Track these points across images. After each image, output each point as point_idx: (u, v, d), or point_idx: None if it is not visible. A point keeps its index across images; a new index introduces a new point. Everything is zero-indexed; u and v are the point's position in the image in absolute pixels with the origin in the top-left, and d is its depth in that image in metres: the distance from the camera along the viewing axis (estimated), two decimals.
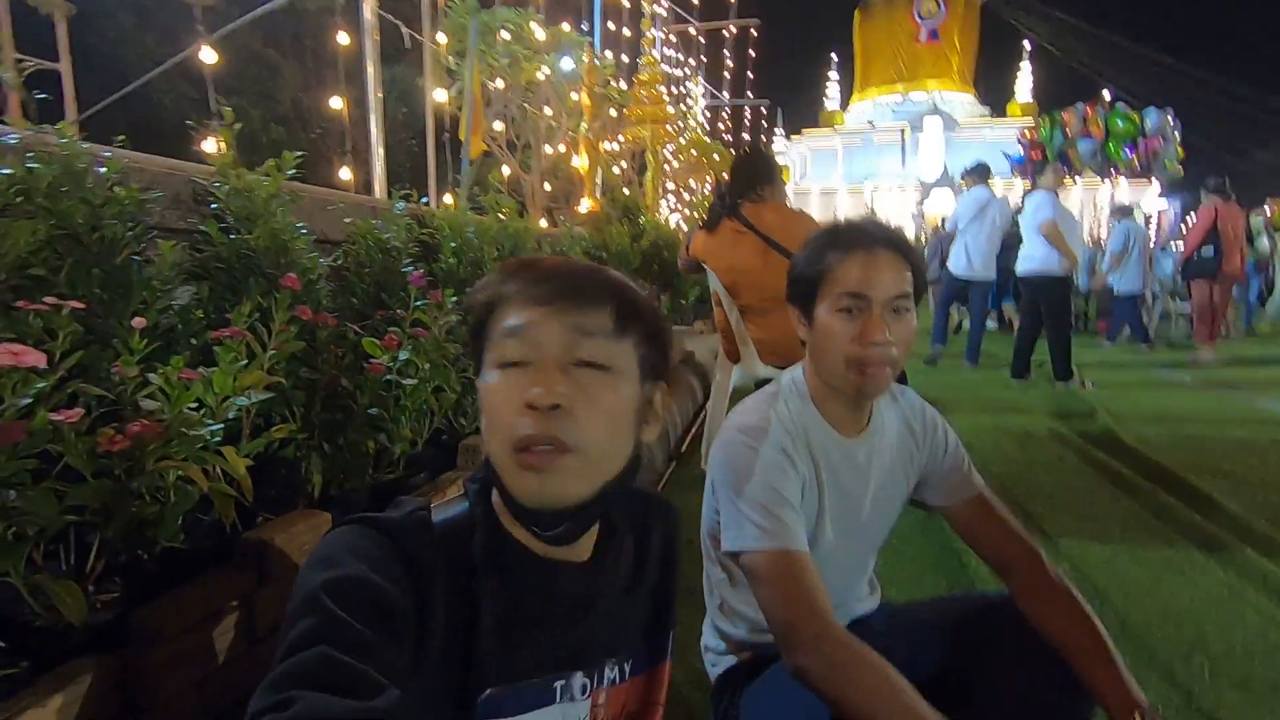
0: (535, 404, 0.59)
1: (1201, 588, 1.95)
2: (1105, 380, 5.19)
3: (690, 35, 14.34)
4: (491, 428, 0.62)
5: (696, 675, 1.44)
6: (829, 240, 1.02)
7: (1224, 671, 1.56)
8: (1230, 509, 2.48)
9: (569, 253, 3.64)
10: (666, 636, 0.78)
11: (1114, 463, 3.10)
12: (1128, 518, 2.50)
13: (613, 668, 0.71)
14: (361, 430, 1.55)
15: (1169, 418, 4.04)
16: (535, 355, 0.61)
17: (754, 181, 2.68)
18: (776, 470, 0.98)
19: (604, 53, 8.58)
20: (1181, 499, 2.62)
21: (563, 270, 0.64)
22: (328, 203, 2.08)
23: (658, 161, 8.80)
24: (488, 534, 0.64)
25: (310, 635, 0.50)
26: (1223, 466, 3.06)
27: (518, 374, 0.61)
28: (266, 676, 0.48)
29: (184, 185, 1.56)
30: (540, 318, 0.61)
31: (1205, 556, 2.15)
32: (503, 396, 0.61)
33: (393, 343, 1.61)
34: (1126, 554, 2.16)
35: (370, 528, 0.60)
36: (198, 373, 1.09)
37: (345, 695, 0.46)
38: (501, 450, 0.61)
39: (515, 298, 0.63)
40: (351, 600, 0.52)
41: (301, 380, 1.46)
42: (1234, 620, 1.78)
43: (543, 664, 0.66)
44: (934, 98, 34.41)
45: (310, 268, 1.63)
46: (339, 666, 0.48)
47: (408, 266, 2.02)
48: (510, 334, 0.62)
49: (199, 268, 1.51)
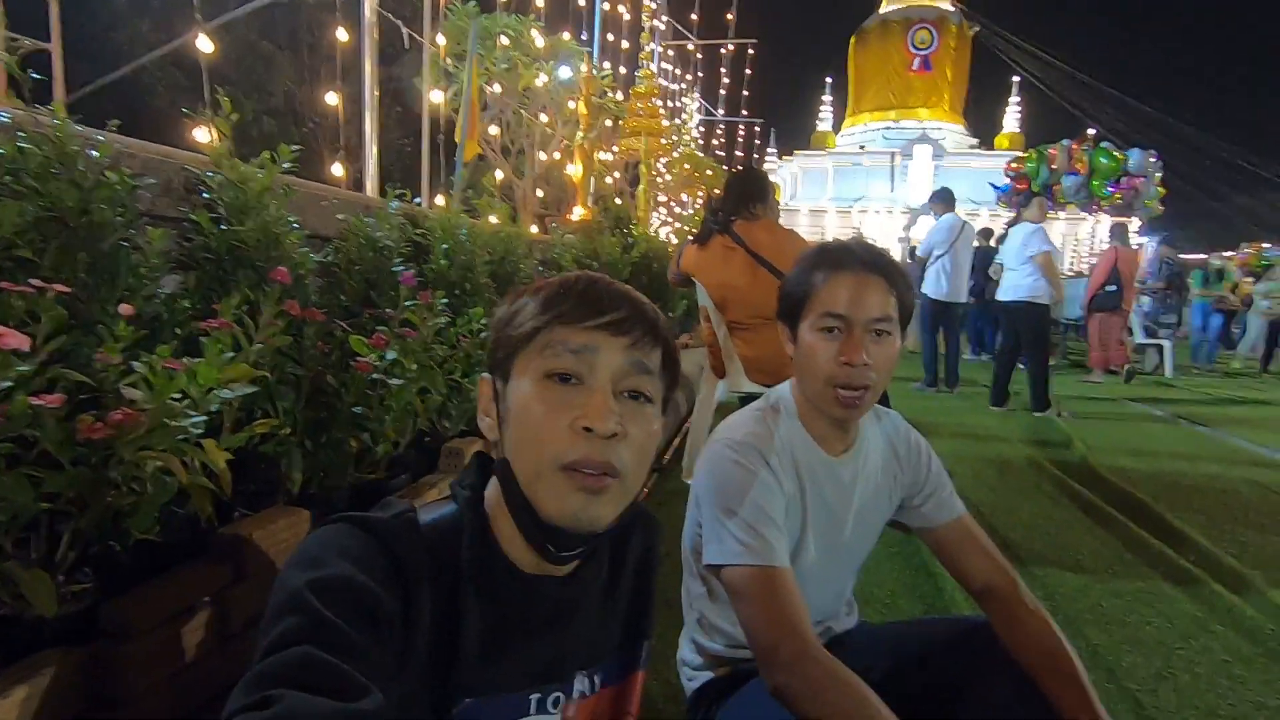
0: (598, 430, 0.60)
1: (1171, 619, 1.98)
2: (1080, 411, 5.28)
3: (688, 51, 14.48)
4: (532, 439, 0.61)
5: (672, 689, 1.43)
6: (817, 260, 1.05)
7: (1190, 702, 1.58)
8: (1200, 543, 2.52)
9: (559, 259, 3.64)
10: (641, 646, 0.78)
11: (1089, 494, 3.14)
12: (1101, 548, 2.53)
13: (584, 679, 0.71)
14: (345, 429, 1.54)
15: (1143, 451, 4.11)
16: (592, 378, 0.62)
17: (747, 199, 2.71)
18: (762, 487, 0.98)
19: (602, 63, 8.64)
20: (1153, 532, 2.66)
21: (633, 302, 0.65)
22: (320, 198, 2.07)
23: (651, 174, 8.85)
24: (476, 544, 0.64)
25: (293, 634, 0.49)
26: (1193, 501, 3.12)
27: (568, 391, 0.62)
28: (245, 674, 0.46)
29: (176, 173, 1.54)
30: (608, 344, 0.62)
31: (1175, 589, 2.19)
32: (551, 412, 0.61)
33: (380, 342, 1.60)
34: (1099, 584, 2.19)
35: (357, 527, 0.59)
36: (182, 363, 1.08)
37: (328, 696, 0.45)
38: (543, 466, 0.60)
39: (583, 316, 0.63)
40: (337, 600, 0.52)
41: (286, 375, 1.44)
42: (1201, 652, 1.81)
43: (520, 675, 0.65)
44: (924, 126, 35.00)
45: (301, 263, 1.61)
46: (322, 666, 0.47)
47: (399, 266, 2.01)
48: (572, 350, 0.62)
49: (187, 257, 1.48)
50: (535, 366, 0.63)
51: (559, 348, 0.62)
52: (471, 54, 4.24)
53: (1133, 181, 13.54)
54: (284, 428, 1.37)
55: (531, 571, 0.65)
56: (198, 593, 1.07)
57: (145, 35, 10.37)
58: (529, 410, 0.62)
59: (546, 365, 0.62)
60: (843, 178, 34.22)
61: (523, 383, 0.63)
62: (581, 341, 0.62)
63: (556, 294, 0.64)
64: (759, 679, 0.99)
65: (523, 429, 0.62)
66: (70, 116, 1.23)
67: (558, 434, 0.60)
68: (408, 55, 6.34)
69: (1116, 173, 13.57)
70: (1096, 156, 13.77)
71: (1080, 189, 14.00)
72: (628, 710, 0.78)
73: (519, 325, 0.64)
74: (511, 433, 0.63)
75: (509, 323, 0.66)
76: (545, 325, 0.63)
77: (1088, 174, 13.77)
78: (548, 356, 0.62)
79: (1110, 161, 13.64)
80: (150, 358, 1.03)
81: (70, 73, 4.55)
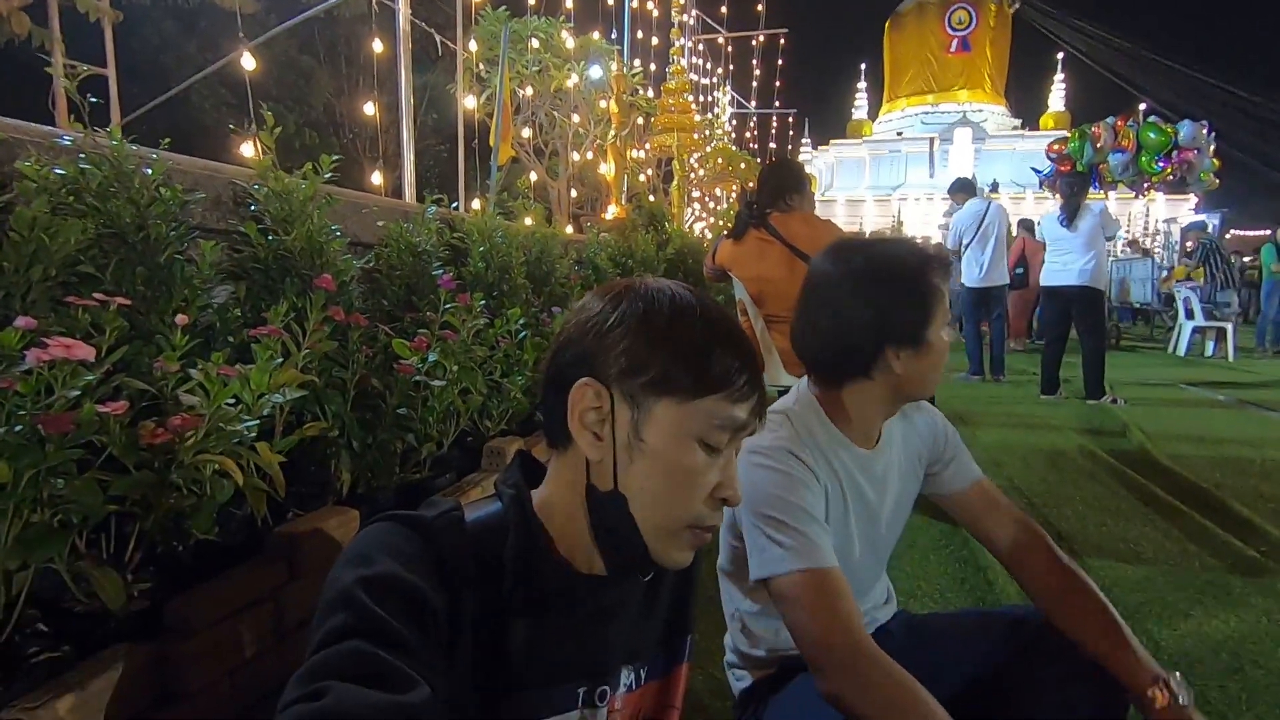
0: (733, 503, 0.66)
1: (1240, 614, 1.90)
2: (1135, 397, 5.08)
3: (719, 44, 14.38)
4: (674, 497, 0.63)
5: (717, 684, 1.43)
6: (930, 264, 1.01)
7: (1264, 699, 1.51)
8: (1270, 532, 2.40)
9: (595, 258, 3.66)
10: (684, 641, 0.79)
11: (1148, 483, 3.02)
12: (1163, 539, 2.44)
13: (629, 674, 0.72)
14: (390, 430, 1.57)
15: (1204, 437, 3.93)
16: (727, 451, 0.65)
17: (782, 190, 2.68)
18: (798, 485, 0.96)
19: (633, 61, 8.64)
20: (1219, 522, 2.55)
21: (758, 365, 0.67)
22: (361, 206, 2.12)
23: (684, 170, 8.82)
24: (523, 544, 0.64)
25: (344, 630, 0.50)
26: (1261, 489, 2.97)
27: (713, 458, 0.64)
28: (299, 669, 0.48)
29: (224, 187, 1.59)
30: (752, 421, 0.66)
31: (1244, 582, 2.09)
32: (698, 478, 0.64)
33: (422, 344, 1.63)
34: (1161, 577, 2.11)
35: (403, 525, 0.61)
36: (235, 369, 1.12)
37: (378, 689, 0.46)
38: (677, 523, 0.64)
39: (745, 391, 0.64)
40: (386, 597, 0.53)
41: (333, 379, 1.49)
42: (1274, 646, 1.73)
43: (566, 671, 0.66)
44: (964, 109, 34.08)
45: (344, 269, 1.65)
46: (372, 660, 0.48)
47: (437, 270, 2.05)
48: (735, 429, 0.64)
49: (237, 268, 1.54)
50: (690, 426, 0.62)
51: (725, 423, 0.63)
52: (503, 58, 4.29)
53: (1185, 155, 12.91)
54: (332, 430, 1.41)
55: (578, 570, 0.66)
56: (254, 590, 1.11)
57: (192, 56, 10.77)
58: (680, 470, 0.63)
59: (704, 434, 0.63)
60: (880, 166, 33.57)
61: (669, 434, 0.62)
62: (743, 420, 0.64)
63: (720, 357, 0.63)
64: (805, 675, 0.98)
65: (663, 482, 0.63)
66: (125, 137, 1.29)
67: (698, 499, 0.64)
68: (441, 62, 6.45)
69: (1166, 147, 12.93)
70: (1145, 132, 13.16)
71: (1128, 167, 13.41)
72: (672, 704, 0.78)
73: (670, 366, 0.62)
74: (644, 477, 0.63)
75: (647, 345, 0.62)
76: (710, 393, 0.62)
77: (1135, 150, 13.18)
78: (711, 428, 0.63)
79: (1159, 136, 12.99)
80: (205, 365, 1.07)
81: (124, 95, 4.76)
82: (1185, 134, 12.95)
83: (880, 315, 0.99)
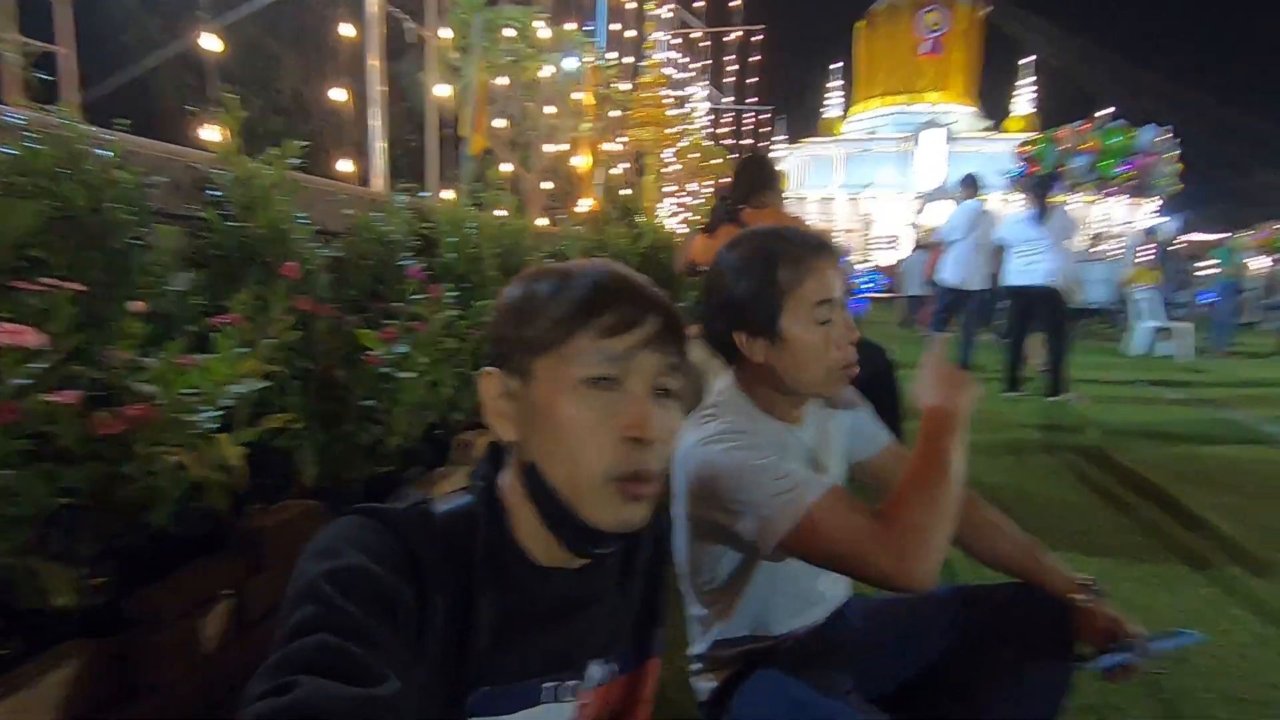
0: (646, 440, 0.60)
1: (1190, 604, 1.97)
2: (1093, 394, 5.22)
3: (695, 39, 14.37)
4: (576, 452, 0.60)
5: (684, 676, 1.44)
6: (771, 259, 0.99)
7: (1212, 686, 1.57)
8: (1219, 527, 2.49)
9: (567, 251, 3.64)
10: (655, 634, 0.79)
11: (1105, 477, 3.12)
12: (1118, 532, 2.51)
13: (600, 667, 0.72)
14: (356, 422, 1.55)
15: (1158, 434, 4.06)
16: (630, 383, 0.62)
17: (756, 186, 2.70)
18: (760, 443, 0.95)
19: (608, 54, 8.59)
20: (1171, 515, 2.64)
21: (663, 304, 0.64)
22: (328, 194, 2.08)
23: (658, 164, 8.81)
24: (490, 536, 0.64)
25: (311, 623, 0.49)
26: (1211, 484, 3.08)
27: (608, 398, 0.61)
28: (265, 662, 0.47)
29: (184, 171, 1.55)
30: (644, 348, 0.62)
31: (1194, 572, 2.17)
32: (594, 423, 0.60)
33: (390, 335, 1.61)
34: (1116, 568, 2.18)
35: (372, 519, 0.60)
36: (194, 359, 1.09)
37: (346, 682, 0.45)
38: (593, 478, 0.60)
39: (618, 322, 0.61)
40: (353, 590, 0.52)
41: (298, 370, 1.46)
42: (1220, 635, 1.79)
43: (534, 665, 0.66)
44: (935, 110, 34.60)
45: (309, 258, 1.62)
46: (340, 653, 0.47)
47: (407, 260, 2.02)
48: (611, 358, 0.61)
49: (197, 254, 1.50)
50: (567, 373, 0.61)
51: (597, 355, 0.61)
52: (476, 47, 4.23)
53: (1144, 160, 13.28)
54: (296, 422, 1.39)
55: (547, 563, 0.66)
56: (217, 584, 1.08)
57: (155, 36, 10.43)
58: (567, 419, 0.60)
59: (582, 372, 0.61)
60: (852, 164, 33.94)
61: (552, 388, 0.61)
62: (620, 349, 0.61)
63: (587, 299, 0.62)
64: (765, 671, 0.99)
65: (561, 439, 0.61)
66: (83, 117, 1.24)
67: (605, 447, 0.60)
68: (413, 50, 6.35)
69: (1127, 151, 13.31)
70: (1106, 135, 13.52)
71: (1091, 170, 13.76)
72: (642, 696, 0.78)
73: (540, 326, 0.62)
74: (542, 439, 0.62)
75: (526, 319, 0.63)
76: (577, 332, 0.61)
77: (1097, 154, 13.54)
78: (583, 364, 0.61)
79: (1121, 140, 13.38)
80: (163, 354, 1.04)
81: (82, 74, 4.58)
82: (1145, 139, 13.35)
83: (729, 303, 1.00)
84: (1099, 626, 1.03)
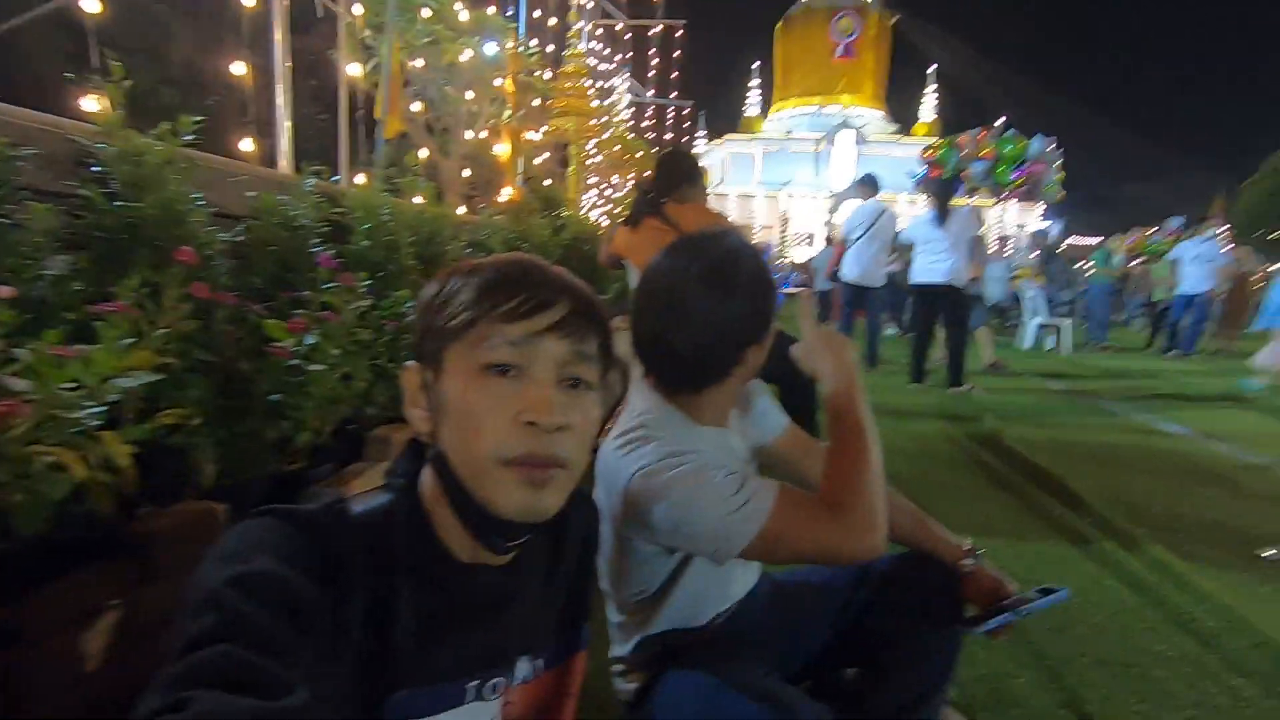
0: (543, 424, 0.59)
1: (1070, 578, 2.14)
2: (989, 386, 5.60)
3: (617, 31, 14.34)
4: (472, 436, 0.60)
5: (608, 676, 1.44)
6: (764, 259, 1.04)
7: (1088, 651, 1.72)
8: (1095, 506, 2.73)
9: (488, 241, 3.56)
10: (580, 628, 0.79)
11: (998, 462, 3.35)
12: (1009, 513, 2.71)
13: (525, 664, 0.71)
14: (261, 417, 1.47)
15: (1044, 423, 4.40)
16: (532, 369, 0.61)
17: (678, 180, 2.72)
18: (710, 459, 0.94)
19: (529, 40, 8.44)
20: (1055, 496, 2.86)
21: (570, 290, 0.64)
22: (229, 174, 1.94)
23: (581, 155, 8.75)
24: (411, 533, 0.62)
25: (212, 633, 0.46)
26: (1089, 469, 3.36)
27: (507, 384, 0.60)
28: (158, 676, 0.43)
29: (61, 144, 1.41)
30: (548, 334, 0.61)
31: (1073, 549, 2.36)
32: (492, 406, 0.59)
33: (299, 326, 1.53)
34: (1007, 547, 2.34)
35: (283, 520, 0.56)
36: (74, 349, 1.00)
37: (251, 694, 0.43)
38: (486, 461, 0.59)
39: (520, 306, 0.61)
40: (260, 596, 0.49)
41: (196, 362, 1.36)
42: (1097, 605, 1.97)
43: (459, 664, 0.65)
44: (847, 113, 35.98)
45: (208, 242, 1.51)
46: (244, 664, 0.44)
47: (317, 247, 1.92)
48: (511, 342, 0.60)
49: (77, 235, 1.37)
50: (471, 359, 0.61)
51: (496, 339, 0.60)
52: (391, 25, 4.06)
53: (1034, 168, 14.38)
54: (194, 418, 1.29)
55: (470, 560, 0.64)
56: (101, 595, 1.00)
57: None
58: (467, 405, 0.60)
59: (483, 358, 0.60)
60: (770, 162, 34.86)
61: (458, 375, 0.61)
62: (520, 333, 0.61)
63: (492, 284, 0.62)
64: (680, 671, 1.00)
65: (461, 424, 0.60)
66: None
67: (499, 429, 0.59)
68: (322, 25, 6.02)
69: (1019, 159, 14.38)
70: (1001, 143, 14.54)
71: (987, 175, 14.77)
72: (568, 692, 0.78)
73: (451, 315, 0.62)
74: (448, 427, 0.62)
75: (439, 310, 0.63)
76: (481, 318, 0.61)
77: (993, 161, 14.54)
78: (485, 349, 0.60)
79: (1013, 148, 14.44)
80: (36, 344, 0.95)
81: None
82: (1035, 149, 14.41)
83: (751, 313, 0.99)
84: (985, 588, 1.11)
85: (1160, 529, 2.54)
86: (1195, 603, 1.97)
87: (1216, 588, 2.06)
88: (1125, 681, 1.61)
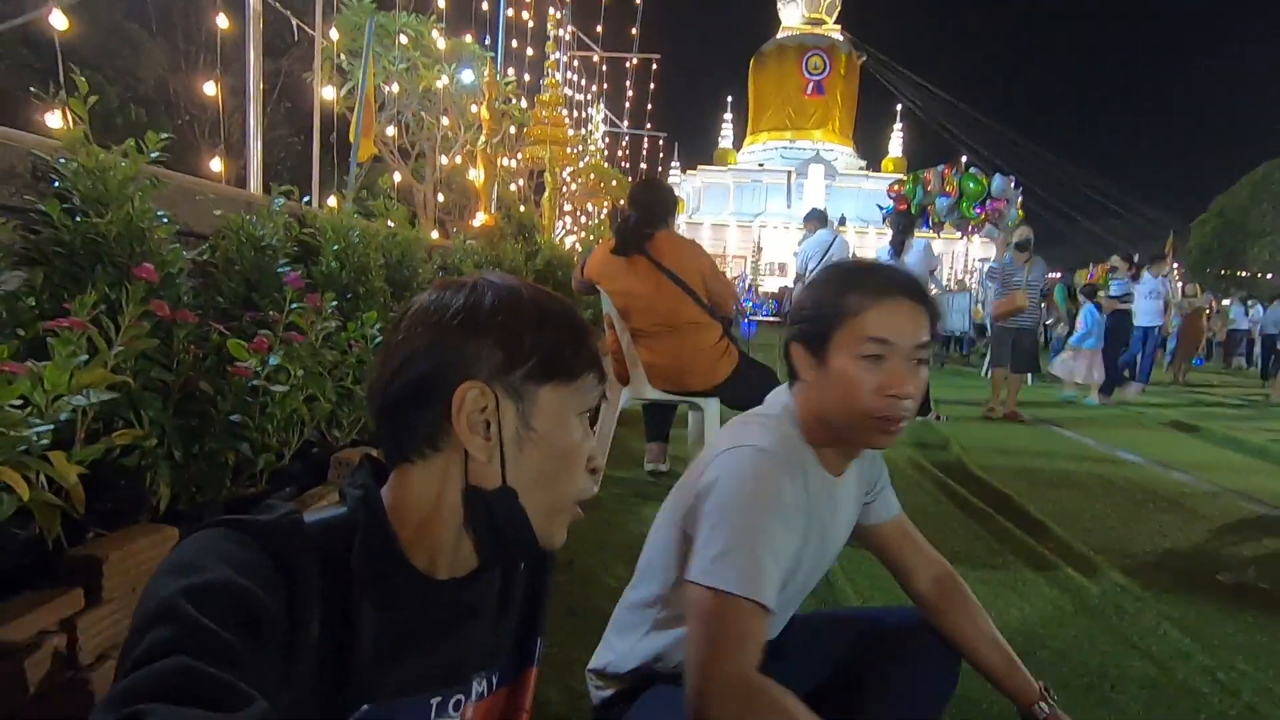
0: (598, 471, 0.71)
1: (1032, 602, 2.18)
2: (954, 414, 5.71)
3: (593, 62, 14.59)
4: (559, 479, 0.66)
5: (574, 696, 1.42)
6: (849, 281, 0.97)
7: (1049, 674, 1.73)
8: (1056, 532, 2.78)
9: (460, 265, 3.55)
10: (534, 644, 0.78)
11: (963, 490, 3.39)
12: (973, 539, 2.74)
13: (481, 680, 0.70)
14: (221, 438, 1.43)
15: (1009, 450, 4.50)
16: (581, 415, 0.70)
17: (664, 211, 2.78)
18: (784, 517, 0.92)
19: (506, 69, 8.53)
20: (1017, 523, 2.91)
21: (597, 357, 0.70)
22: (195, 192, 1.92)
23: (555, 182, 8.82)
24: (372, 546, 0.61)
25: (166, 645, 0.44)
26: (1051, 495, 3.44)
27: (585, 431, 0.69)
28: (108, 692, 0.42)
29: (20, 158, 1.39)
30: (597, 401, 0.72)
31: (1035, 574, 2.40)
32: (582, 453, 0.68)
33: (262, 346, 1.50)
34: (972, 572, 2.37)
35: (236, 530, 0.55)
36: (24, 366, 0.97)
37: (206, 708, 0.41)
38: (566, 503, 0.67)
39: (603, 371, 0.70)
40: (215, 606, 0.47)
41: (153, 381, 1.33)
42: (1057, 630, 2.00)
43: (421, 680, 0.64)
44: (818, 147, 36.95)
45: (171, 260, 1.49)
46: (199, 677, 0.43)
47: (284, 267, 1.89)
48: (596, 399, 0.70)
49: (33, 251, 1.34)
50: (575, 404, 0.65)
51: (594, 396, 0.67)
52: (368, 51, 4.09)
53: (996, 205, 14.92)
54: (149, 438, 1.26)
55: (428, 572, 0.63)
56: (42, 621, 0.96)
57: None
58: (566, 447, 0.64)
59: (583, 405, 0.66)
60: (743, 194, 35.55)
61: (556, 414, 0.64)
62: (600, 392, 0.68)
63: (588, 341, 0.67)
64: (661, 686, 0.99)
65: (554, 464, 0.64)
66: None
67: (583, 473, 0.67)
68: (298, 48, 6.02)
69: (981, 196, 14.92)
70: (965, 181, 15.09)
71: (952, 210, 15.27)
72: (522, 707, 0.77)
73: (539, 354, 0.62)
74: (532, 462, 0.63)
75: (523, 339, 0.62)
76: (585, 370, 0.65)
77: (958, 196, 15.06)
78: (586, 401, 0.66)
79: (976, 186, 15.00)
80: None
81: None
82: (996, 186, 14.95)
83: (795, 310, 1.03)
84: None
85: (1118, 553, 2.61)
86: (1153, 626, 2.02)
87: (1173, 611, 2.10)
88: (1085, 705, 1.63)
